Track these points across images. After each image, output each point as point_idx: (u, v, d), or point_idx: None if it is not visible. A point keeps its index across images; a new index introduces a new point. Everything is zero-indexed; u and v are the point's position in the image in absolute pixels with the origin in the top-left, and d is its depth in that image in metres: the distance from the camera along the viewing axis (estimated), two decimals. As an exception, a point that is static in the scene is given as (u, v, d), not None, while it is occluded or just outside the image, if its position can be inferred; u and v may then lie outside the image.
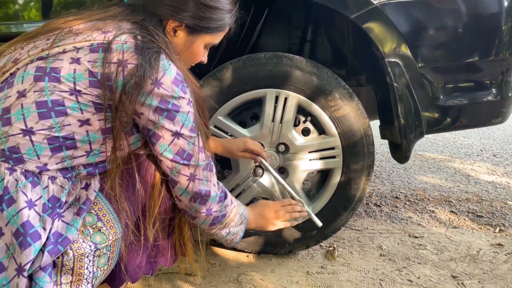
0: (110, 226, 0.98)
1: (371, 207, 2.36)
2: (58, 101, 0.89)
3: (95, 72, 0.91)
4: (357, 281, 1.56)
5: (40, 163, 0.89)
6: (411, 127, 1.57)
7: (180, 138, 0.97)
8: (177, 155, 0.98)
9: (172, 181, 1.02)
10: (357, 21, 1.47)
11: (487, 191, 2.63)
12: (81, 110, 0.90)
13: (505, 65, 1.59)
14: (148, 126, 0.96)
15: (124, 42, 0.93)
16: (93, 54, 0.92)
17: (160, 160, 1.00)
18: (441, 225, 2.11)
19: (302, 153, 1.62)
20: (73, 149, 0.92)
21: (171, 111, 0.95)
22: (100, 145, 0.94)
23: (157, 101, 0.93)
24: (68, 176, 0.93)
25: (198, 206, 1.05)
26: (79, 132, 0.91)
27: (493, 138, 4.38)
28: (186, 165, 1.00)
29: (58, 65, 0.91)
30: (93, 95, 0.91)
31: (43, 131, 0.89)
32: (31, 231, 0.85)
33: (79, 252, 0.92)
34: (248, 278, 1.58)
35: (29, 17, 1.70)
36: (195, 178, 1.02)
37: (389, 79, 1.51)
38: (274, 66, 1.54)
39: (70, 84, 0.90)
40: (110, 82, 0.91)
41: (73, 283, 0.93)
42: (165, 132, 0.96)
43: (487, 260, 1.73)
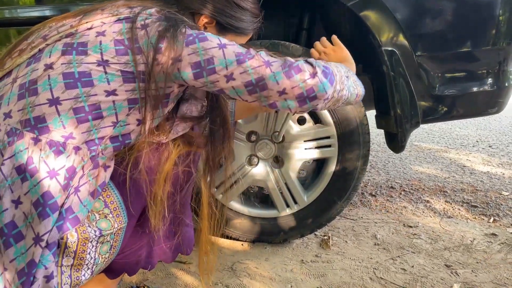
0: (117, 214, 0.98)
1: (366, 197, 2.36)
2: (85, 72, 0.89)
3: (120, 39, 0.91)
4: (351, 270, 1.57)
5: (65, 132, 0.88)
6: (407, 117, 1.56)
7: (227, 46, 0.93)
8: (237, 57, 0.92)
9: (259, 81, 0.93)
10: (354, 9, 1.46)
11: (482, 182, 2.63)
12: (107, 81, 0.90)
13: (502, 54, 1.58)
14: (193, 60, 0.91)
15: (149, 14, 0.94)
16: (118, 25, 0.93)
17: (231, 75, 0.92)
18: (435, 215, 2.11)
19: (297, 142, 1.61)
20: (99, 119, 0.91)
21: (199, 36, 0.92)
22: (126, 116, 0.93)
23: (183, 38, 0.91)
24: (92, 148, 0.91)
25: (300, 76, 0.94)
26: (105, 102, 0.90)
27: (489, 129, 4.40)
28: (251, 58, 0.93)
29: (85, 40, 0.92)
30: (121, 63, 0.90)
31: (69, 100, 0.88)
32: (51, 201, 0.85)
33: (84, 236, 0.92)
34: (242, 267, 1.58)
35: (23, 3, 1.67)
36: (270, 62, 0.94)
37: (386, 68, 1.51)
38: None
39: (97, 55, 0.90)
40: (137, 44, 0.90)
41: (74, 266, 0.93)
42: (211, 51, 0.91)
43: (480, 249, 1.74)
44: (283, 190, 1.66)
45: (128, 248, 1.08)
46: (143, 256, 1.13)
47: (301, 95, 0.95)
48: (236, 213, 1.69)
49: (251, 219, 1.70)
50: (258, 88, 0.93)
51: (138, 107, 0.93)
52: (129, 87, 0.91)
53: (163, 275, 1.51)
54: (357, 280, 1.50)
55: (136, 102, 0.92)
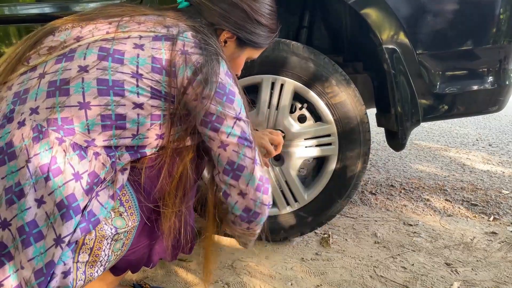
0: (131, 212, 0.99)
1: (366, 195, 2.37)
2: (119, 82, 0.91)
3: (158, 58, 0.93)
4: (352, 268, 1.57)
5: (89, 137, 0.90)
6: (408, 115, 1.56)
7: (241, 121, 1.00)
8: (241, 134, 1.00)
9: (239, 169, 1.02)
10: (354, 7, 1.45)
11: (482, 180, 2.64)
12: (137, 94, 0.92)
13: (503, 52, 1.58)
14: (211, 110, 0.97)
15: (186, 37, 0.98)
16: (157, 42, 0.95)
17: (226, 145, 1.00)
18: (435, 213, 2.11)
19: (298, 140, 1.61)
20: (121, 129, 0.92)
21: (229, 95, 0.98)
22: (146, 130, 0.95)
23: (216, 86, 0.96)
24: (111, 154, 0.93)
25: (263, 197, 1.05)
26: (131, 114, 0.92)
27: (489, 127, 4.39)
28: (250, 147, 1.01)
29: (122, 48, 0.94)
30: (154, 80, 0.93)
31: (99, 107, 0.90)
32: (74, 204, 0.86)
33: (101, 234, 0.93)
34: (243, 264, 1.58)
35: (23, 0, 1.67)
36: (256, 162, 1.03)
37: (386, 66, 1.50)
38: (271, 52, 1.52)
39: (133, 67, 0.92)
40: (173, 68, 0.94)
41: (89, 263, 0.94)
42: (227, 115, 0.98)
43: (480, 248, 1.74)
44: (283, 188, 1.66)
45: (133, 247, 1.08)
46: (146, 254, 1.14)
47: (249, 210, 1.06)
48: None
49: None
50: (232, 173, 1.02)
51: (160, 124, 0.96)
52: (155, 103, 0.94)
53: (164, 273, 1.51)
54: (357, 278, 1.50)
55: (158, 118, 0.96)
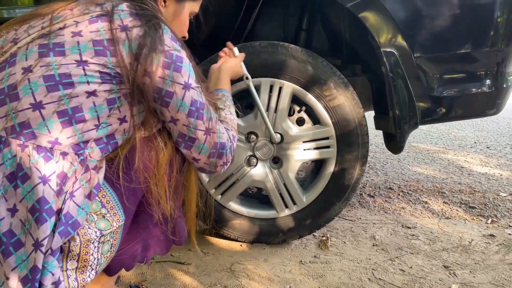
0: (114, 213, 0.99)
1: (364, 198, 2.37)
2: (65, 74, 0.89)
3: (99, 40, 0.92)
4: (350, 271, 1.57)
5: (51, 137, 0.88)
6: (406, 118, 1.57)
7: (190, 89, 0.99)
8: (192, 106, 1.00)
9: (190, 140, 1.04)
10: (353, 10, 1.46)
11: (480, 183, 2.64)
12: (87, 82, 0.90)
13: (500, 56, 1.58)
14: (158, 85, 0.95)
15: (122, 11, 0.97)
16: (93, 24, 0.94)
17: (176, 120, 1.00)
18: (434, 216, 2.12)
19: (296, 143, 1.61)
20: (82, 122, 0.91)
21: (176, 62, 0.97)
22: (107, 117, 0.94)
23: (163, 56, 0.95)
24: (80, 152, 0.91)
25: (216, 160, 1.09)
26: (86, 104, 0.91)
27: (487, 130, 4.41)
28: (201, 119, 1.02)
29: (61, 40, 0.92)
30: (100, 64, 0.91)
31: (52, 104, 0.88)
32: (47, 206, 0.85)
33: (86, 238, 0.93)
34: (241, 267, 1.58)
35: (22, 3, 1.67)
36: (210, 132, 1.04)
37: (385, 69, 1.51)
38: (269, 55, 1.53)
39: (76, 56, 0.90)
40: (117, 46, 0.92)
41: (78, 269, 0.94)
42: (176, 86, 0.97)
43: (479, 250, 1.74)
44: (282, 191, 1.66)
45: (124, 245, 1.08)
46: (139, 251, 1.13)
47: (203, 169, 1.12)
48: (235, 213, 1.69)
49: (250, 220, 1.70)
50: (184, 144, 1.05)
51: (118, 107, 0.95)
52: (107, 87, 0.92)
53: (162, 276, 1.51)
54: (355, 281, 1.50)
55: (114, 102, 0.94)
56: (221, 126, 1.10)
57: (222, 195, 1.66)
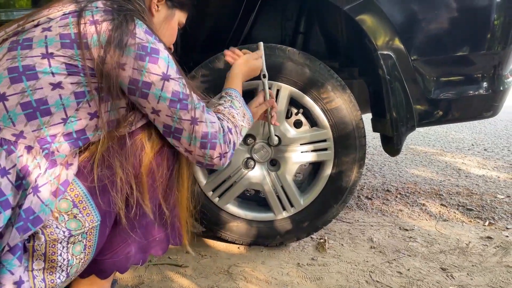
0: (87, 213, 0.95)
1: (362, 200, 2.37)
2: (29, 65, 0.89)
3: (67, 34, 0.91)
4: (347, 273, 1.57)
5: (16, 130, 0.87)
6: (403, 120, 1.57)
7: (170, 80, 0.96)
8: (173, 96, 0.97)
9: (177, 131, 1.00)
10: (350, 13, 1.46)
11: (478, 185, 2.65)
12: (52, 74, 0.89)
13: (497, 59, 1.59)
14: (134, 76, 0.93)
15: (95, 7, 0.96)
16: (64, 20, 0.93)
17: (158, 111, 0.97)
18: (431, 218, 2.12)
19: (294, 145, 1.61)
20: (48, 115, 0.89)
21: (152, 54, 0.94)
22: (75, 111, 0.92)
23: (135, 48, 0.93)
24: (45, 146, 0.89)
25: (210, 152, 1.03)
26: (52, 96, 0.89)
27: (484, 132, 4.42)
28: (185, 108, 0.98)
29: (31, 35, 0.93)
30: (66, 56, 0.90)
31: (16, 95, 0.87)
32: (2, 199, 0.83)
33: (52, 238, 0.90)
34: (239, 270, 1.58)
35: (20, 5, 1.67)
36: (197, 121, 1.00)
37: (382, 72, 1.51)
38: (267, 57, 1.53)
39: (42, 48, 0.90)
40: (84, 40, 0.91)
41: (46, 269, 0.91)
42: (154, 77, 0.94)
43: (476, 253, 1.75)
44: (279, 193, 1.66)
45: (114, 247, 1.06)
46: (133, 252, 1.11)
47: (201, 163, 1.07)
48: (233, 216, 1.69)
49: (247, 222, 1.70)
50: (172, 135, 1.02)
51: (87, 101, 0.93)
52: (74, 80, 0.91)
53: (159, 279, 1.51)
54: (353, 283, 1.50)
55: (83, 95, 0.92)
56: (212, 115, 1.05)
57: (220, 198, 1.66)
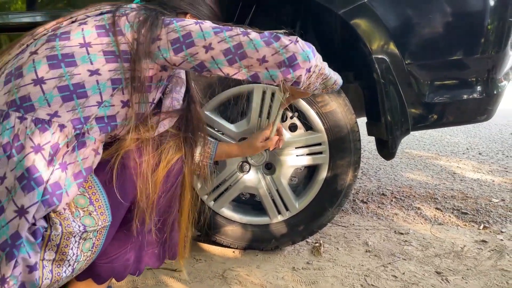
0: (101, 212, 0.98)
1: (357, 204, 2.37)
2: (68, 54, 0.94)
3: (101, 25, 0.98)
4: (343, 277, 1.56)
5: (50, 110, 0.90)
6: (398, 124, 1.58)
7: (203, 23, 0.97)
8: (214, 29, 0.96)
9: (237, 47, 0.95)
10: (345, 17, 1.47)
11: (472, 189, 2.65)
12: (90, 61, 0.94)
13: (491, 62, 1.60)
14: (172, 37, 0.96)
15: (129, 6, 1.03)
16: (98, 16, 1.01)
17: (209, 45, 0.95)
18: (426, 222, 2.12)
19: (289, 148, 1.61)
20: (84, 98, 0.93)
21: (178, 21, 0.99)
22: (110, 96, 0.95)
23: (161, 22, 0.98)
24: (78, 126, 0.92)
25: (279, 43, 0.95)
26: (89, 81, 0.93)
27: (479, 136, 4.44)
28: (229, 30, 0.96)
29: (68, 29, 0.99)
30: (103, 44, 0.96)
31: (53, 79, 0.92)
32: (35, 175, 0.86)
33: (68, 230, 0.91)
34: (233, 274, 1.57)
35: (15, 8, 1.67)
36: (247, 32, 0.97)
37: (376, 76, 1.52)
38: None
39: (80, 39, 0.96)
40: (118, 28, 0.97)
41: (55, 261, 0.93)
42: (188, 27, 0.96)
43: (471, 256, 1.75)
44: (274, 197, 1.66)
45: (114, 252, 1.07)
46: (131, 261, 1.12)
47: (282, 62, 0.95)
48: (228, 220, 1.68)
49: (242, 226, 1.69)
50: (237, 57, 0.95)
51: (122, 88, 0.96)
52: (112, 67, 0.95)
53: (153, 283, 1.50)
54: (348, 287, 1.50)
55: (119, 82, 0.96)
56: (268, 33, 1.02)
57: (215, 202, 1.66)
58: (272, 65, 0.96)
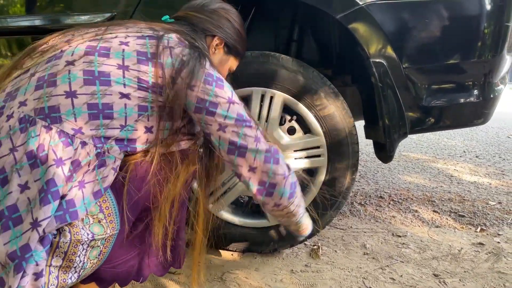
0: (110, 220, 0.98)
1: (355, 207, 2.38)
2: (105, 72, 0.94)
3: (143, 52, 0.98)
4: (341, 280, 1.57)
5: (76, 125, 0.91)
6: (395, 127, 1.59)
7: (234, 104, 1.03)
8: (238, 117, 1.03)
9: (242, 147, 1.04)
10: (342, 21, 1.48)
11: (469, 191, 2.67)
12: (124, 85, 0.95)
13: (487, 67, 1.61)
14: (202, 96, 1.00)
15: (171, 37, 1.03)
16: (141, 40, 1.01)
17: (224, 127, 1.02)
18: (424, 225, 2.13)
19: (287, 152, 1.62)
20: (109, 119, 0.94)
21: (218, 81, 1.02)
22: (134, 122, 0.96)
23: (204, 74, 1.01)
24: (99, 145, 0.93)
25: (274, 167, 1.07)
26: (118, 104, 0.94)
27: (476, 139, 4.46)
28: (249, 127, 1.04)
29: (108, 45, 0.98)
30: (140, 71, 0.96)
31: (85, 95, 0.92)
32: (53, 189, 0.86)
33: (76, 238, 0.91)
34: (232, 277, 1.57)
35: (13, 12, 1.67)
36: (260, 140, 1.06)
37: (374, 79, 1.53)
38: (261, 64, 1.54)
39: (118, 60, 0.96)
40: (160, 60, 0.98)
41: (62, 268, 0.93)
42: (220, 99, 1.01)
43: (468, 259, 1.76)
44: (273, 200, 1.66)
45: (119, 258, 1.07)
46: (135, 267, 1.12)
47: (264, 183, 1.08)
48: (226, 222, 1.69)
49: (241, 229, 1.70)
50: (237, 152, 1.04)
51: (147, 115, 0.98)
52: (142, 95, 0.96)
53: (152, 286, 1.50)
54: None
55: (145, 109, 0.97)
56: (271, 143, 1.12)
57: (214, 204, 1.66)
58: (255, 178, 1.08)
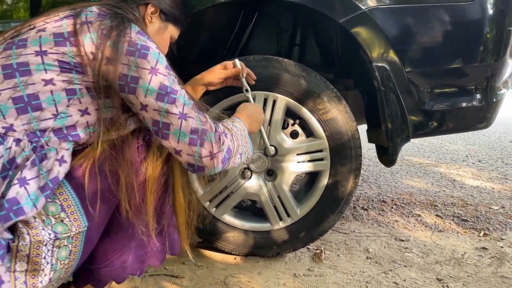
0: (74, 218, 0.95)
1: (358, 211, 2.38)
2: (23, 62, 0.92)
3: (60, 33, 0.94)
4: (344, 284, 1.57)
5: (6, 123, 0.89)
6: (398, 131, 1.59)
7: (158, 74, 0.96)
8: (160, 89, 0.96)
9: (164, 127, 0.98)
10: (345, 26, 1.49)
11: (472, 196, 2.66)
12: (45, 70, 0.92)
13: (490, 71, 1.61)
14: (123, 71, 0.95)
15: (90, 11, 0.99)
16: (58, 22, 0.97)
17: (145, 106, 0.96)
18: (426, 229, 2.13)
19: (290, 155, 1.62)
20: (39, 110, 0.91)
21: (142, 50, 0.96)
22: (66, 107, 0.93)
23: (126, 45, 0.95)
24: (34, 140, 0.90)
25: (200, 149, 0.99)
26: (43, 92, 0.91)
27: (478, 144, 4.45)
28: (172, 102, 0.97)
29: (26, 36, 0.96)
30: (59, 53, 0.93)
31: (8, 90, 0.90)
32: None
33: (37, 239, 0.89)
34: (235, 280, 1.57)
35: (17, 16, 1.69)
36: (185, 116, 0.98)
37: (376, 83, 1.53)
38: (263, 68, 1.55)
39: (36, 47, 0.93)
40: (77, 37, 0.94)
41: (29, 272, 0.90)
42: (142, 71, 0.95)
43: (471, 263, 1.75)
44: (276, 204, 1.66)
45: (110, 254, 1.06)
46: (129, 261, 1.11)
47: (191, 165, 1.02)
48: (229, 226, 1.69)
49: (244, 233, 1.70)
50: (160, 133, 0.98)
51: (78, 98, 0.94)
52: (66, 77, 0.93)
53: (155, 289, 1.50)
54: (349, 293, 1.50)
55: (74, 93, 0.94)
56: (204, 115, 1.03)
57: (217, 208, 1.66)
58: (183, 158, 1.01)
